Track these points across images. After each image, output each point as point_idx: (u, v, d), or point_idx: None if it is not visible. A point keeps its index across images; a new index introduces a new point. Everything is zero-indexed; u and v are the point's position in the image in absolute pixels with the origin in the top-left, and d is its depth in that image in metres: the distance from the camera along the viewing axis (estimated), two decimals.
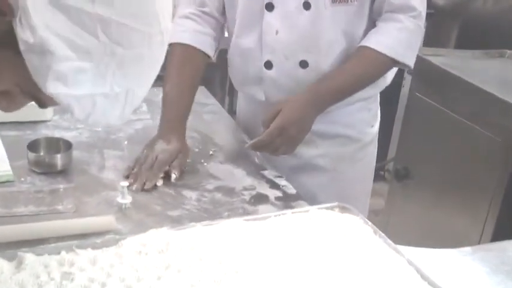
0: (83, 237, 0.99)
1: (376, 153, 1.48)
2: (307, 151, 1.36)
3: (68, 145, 1.25)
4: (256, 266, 0.92)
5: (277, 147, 1.22)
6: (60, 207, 1.09)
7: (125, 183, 1.12)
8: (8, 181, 1.17)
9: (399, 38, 1.25)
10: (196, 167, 1.29)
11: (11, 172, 1.19)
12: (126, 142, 1.38)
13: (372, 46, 1.25)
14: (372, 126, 1.43)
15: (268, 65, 1.31)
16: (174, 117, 1.27)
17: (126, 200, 1.11)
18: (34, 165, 1.21)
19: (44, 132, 1.38)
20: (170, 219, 1.09)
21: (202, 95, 1.60)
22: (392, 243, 1.00)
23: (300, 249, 0.97)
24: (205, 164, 1.31)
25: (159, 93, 1.32)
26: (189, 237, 0.98)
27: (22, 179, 1.18)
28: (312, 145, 1.36)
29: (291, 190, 1.23)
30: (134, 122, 1.46)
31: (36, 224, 1.00)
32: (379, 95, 1.44)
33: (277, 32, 1.27)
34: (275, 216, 1.06)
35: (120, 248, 0.94)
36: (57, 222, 1.01)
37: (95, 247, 0.93)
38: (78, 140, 1.35)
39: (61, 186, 1.17)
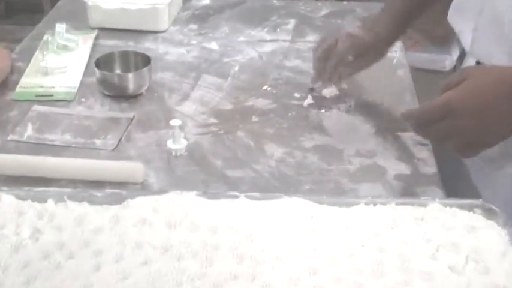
0: (98, 186, 0.85)
1: None
2: None
3: (146, 62, 1.10)
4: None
5: (440, 134, 0.85)
6: (98, 142, 0.97)
7: (177, 122, 0.93)
8: (64, 100, 1.08)
9: None
10: (306, 112, 1.06)
11: (74, 90, 1.12)
12: (237, 68, 1.21)
13: None
14: None
15: None
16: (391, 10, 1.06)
17: (178, 145, 0.94)
18: (101, 85, 1.10)
19: (148, 45, 1.27)
20: (226, 181, 0.90)
21: None
22: None
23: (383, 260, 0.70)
24: (323, 110, 1.05)
25: None
26: (219, 213, 0.78)
27: (83, 99, 1.10)
28: None
29: (429, 168, 0.93)
30: (264, 43, 1.29)
31: (38, 159, 0.89)
32: None
33: None
34: (366, 204, 0.79)
35: (121, 210, 0.77)
36: (68, 160, 0.89)
37: (92, 201, 0.78)
38: (179, 60, 1.25)
39: (119, 115, 1.05)
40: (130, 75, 1.10)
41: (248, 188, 0.87)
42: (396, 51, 1.22)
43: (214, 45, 1.29)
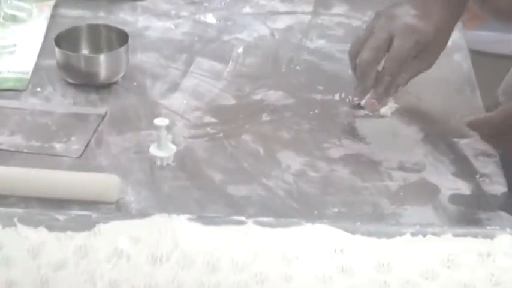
0: (59, 206, 0.86)
1: None
2: None
3: (122, 40, 1.11)
4: None
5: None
6: (59, 146, 0.98)
7: (163, 121, 0.94)
8: (14, 89, 1.10)
9: None
10: (334, 110, 1.08)
11: (27, 76, 1.13)
12: (241, 49, 1.22)
13: None
14: None
15: None
16: None
17: (165, 151, 0.95)
18: (62, 69, 1.11)
19: (124, 17, 1.31)
20: (228, 201, 0.91)
21: None
22: None
23: None
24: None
25: None
26: (219, 244, 0.78)
27: (38, 89, 1.12)
28: None
29: (496, 186, 0.95)
30: (278, 16, 1.30)
31: None
32: None
33: None
34: (412, 235, 0.80)
35: (90, 239, 0.78)
36: (19, 171, 0.89)
37: (52, 226, 0.79)
38: (165, 37, 1.26)
39: (86, 110, 1.06)
40: (102, 58, 1.10)
41: (257, 210, 0.88)
42: None
43: (210, 18, 1.29)
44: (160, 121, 0.95)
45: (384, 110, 1.07)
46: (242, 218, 0.81)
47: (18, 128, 1.01)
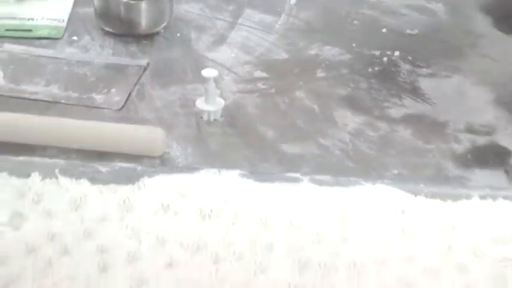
0: (100, 158, 0.89)
1: None
2: None
3: None
4: None
5: None
6: (99, 98, 1.01)
7: (212, 72, 0.97)
8: (49, 37, 1.14)
9: None
10: (396, 68, 1.09)
11: (63, 24, 1.15)
12: (294, 1, 1.27)
13: None
14: None
15: None
16: None
17: (212, 106, 0.98)
18: (101, 17, 1.14)
19: None
20: (281, 158, 0.94)
21: None
22: None
23: None
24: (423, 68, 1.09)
25: None
26: (273, 201, 0.82)
27: (74, 37, 1.15)
28: None
29: None
30: None
31: (15, 117, 0.92)
32: None
33: None
34: (481, 198, 0.84)
35: (135, 192, 0.82)
36: (58, 121, 0.92)
37: (95, 179, 0.83)
38: None
39: (127, 61, 1.09)
40: (143, 5, 1.12)
41: (312, 169, 0.90)
42: None
43: None
44: (208, 72, 0.97)
45: None
46: (297, 175, 0.85)
47: (54, 78, 1.04)
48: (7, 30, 1.14)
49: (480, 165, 0.94)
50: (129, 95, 1.02)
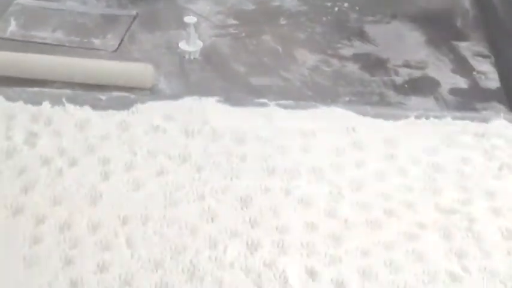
0: (99, 89, 0.89)
1: None
2: None
3: None
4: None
5: None
6: (97, 42, 1.01)
7: (192, 19, 0.97)
8: None
9: None
10: (345, 17, 1.11)
11: None
12: None
13: None
14: None
15: None
16: None
17: (192, 46, 0.98)
18: None
19: None
20: (251, 89, 0.95)
21: None
22: None
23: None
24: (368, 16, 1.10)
25: None
26: (245, 121, 0.83)
27: None
28: None
29: (491, 82, 0.98)
30: None
31: (26, 56, 0.92)
32: None
33: None
34: (416, 118, 0.85)
35: (130, 116, 0.82)
36: (63, 59, 0.92)
37: (95, 105, 0.83)
38: None
39: (118, 12, 1.09)
40: None
41: (277, 97, 0.90)
42: None
43: None
44: (189, 19, 0.98)
45: None
46: (265, 100, 0.85)
47: (59, 26, 1.04)
48: None
49: (415, 92, 0.95)
50: (122, 39, 1.02)
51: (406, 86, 0.96)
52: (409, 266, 0.67)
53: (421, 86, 0.96)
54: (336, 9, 1.12)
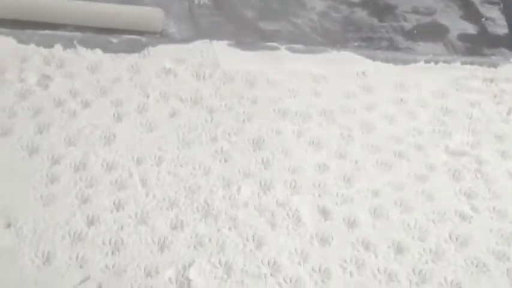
0: (110, 33, 0.89)
1: None
2: None
3: None
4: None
5: None
6: None
7: None
8: None
9: None
10: None
11: None
12: None
13: None
14: None
15: None
16: None
17: None
18: None
19: None
20: (260, 33, 0.95)
21: None
22: None
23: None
24: None
25: None
26: (256, 64, 0.84)
27: None
28: None
29: (499, 28, 0.99)
30: None
31: (43, 1, 0.92)
32: None
33: None
34: (426, 62, 0.86)
35: (141, 59, 0.83)
36: (74, 2, 0.92)
37: (106, 48, 0.83)
38: None
39: None
40: None
41: (286, 42, 0.90)
42: None
43: None
44: None
45: None
46: (275, 44, 0.86)
47: None
48: None
49: (424, 38, 0.95)
50: None
51: (415, 31, 0.96)
52: (419, 206, 0.68)
53: (429, 32, 0.96)
54: None
